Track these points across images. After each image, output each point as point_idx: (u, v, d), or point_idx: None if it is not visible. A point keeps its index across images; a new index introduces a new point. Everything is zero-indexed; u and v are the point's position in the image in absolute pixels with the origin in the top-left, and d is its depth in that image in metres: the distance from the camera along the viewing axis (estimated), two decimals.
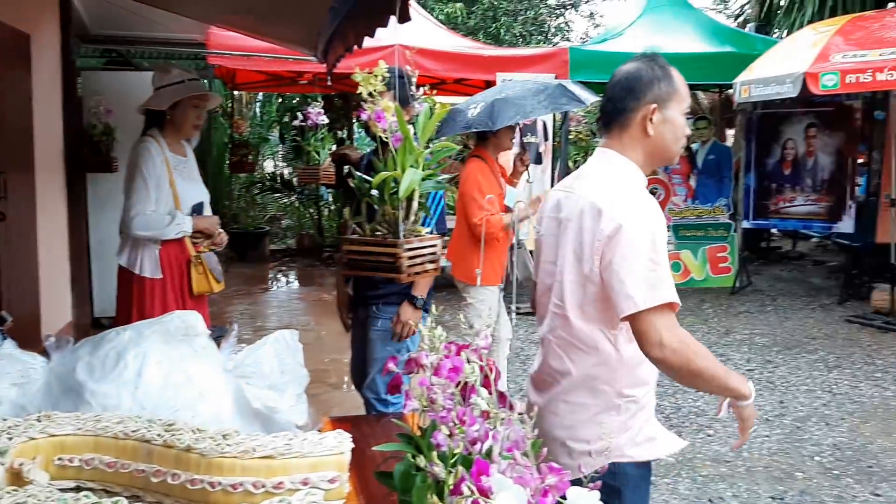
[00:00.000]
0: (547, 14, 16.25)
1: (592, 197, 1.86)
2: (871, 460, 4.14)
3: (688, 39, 8.23)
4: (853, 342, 6.43)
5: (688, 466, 4.09)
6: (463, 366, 1.54)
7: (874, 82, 6.06)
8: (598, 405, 1.91)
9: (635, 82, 1.90)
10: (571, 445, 1.94)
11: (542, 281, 2.02)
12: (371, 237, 2.35)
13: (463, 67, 7.33)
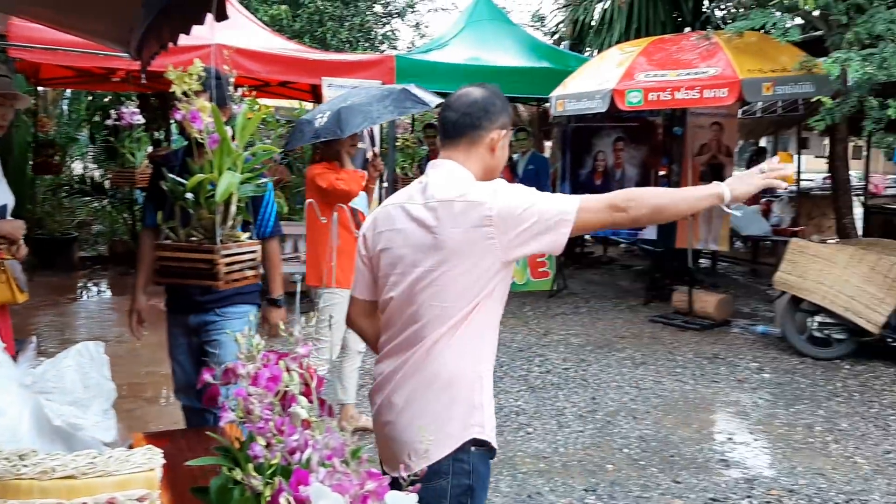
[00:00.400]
0: (374, 21, 16.33)
1: (465, 196, 1.93)
2: (673, 450, 4.47)
3: (508, 54, 8.56)
4: (657, 340, 6.92)
5: (509, 465, 4.23)
6: (282, 375, 1.50)
7: (673, 100, 6.57)
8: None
9: (492, 106, 2.03)
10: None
11: (398, 291, 2.00)
12: (185, 242, 2.26)
13: (287, 70, 7.21)
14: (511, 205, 1.89)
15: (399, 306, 2.00)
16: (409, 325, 1.98)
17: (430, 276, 1.93)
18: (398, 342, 2.01)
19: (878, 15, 5.11)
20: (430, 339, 1.95)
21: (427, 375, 1.96)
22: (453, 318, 1.94)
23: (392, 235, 2.03)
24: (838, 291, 6.03)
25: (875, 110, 5.41)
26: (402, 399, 1.99)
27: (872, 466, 4.24)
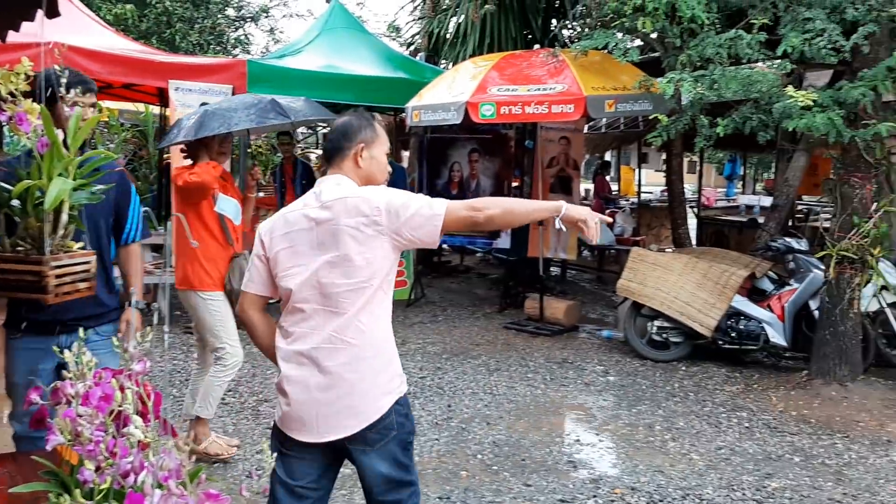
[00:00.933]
0: (226, 25, 15.90)
1: (355, 194, 2.35)
2: (525, 454, 4.59)
3: (364, 63, 8.54)
4: (510, 346, 7.10)
5: None
6: (114, 393, 1.42)
7: (524, 114, 6.78)
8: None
9: (349, 128, 2.47)
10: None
11: (303, 278, 2.34)
12: (10, 253, 2.10)
13: (131, 72, 6.88)
14: (394, 200, 2.32)
15: (308, 290, 2.33)
16: (325, 304, 2.32)
17: (336, 259, 2.30)
18: (316, 322, 2.33)
19: (708, 39, 5.48)
20: (350, 311, 2.30)
21: (359, 344, 2.31)
22: (366, 292, 2.31)
23: (294, 235, 2.37)
24: (674, 297, 6.41)
25: (706, 128, 5.80)
26: (338, 367, 2.30)
27: (706, 462, 4.52)
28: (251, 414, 5.13)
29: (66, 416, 1.35)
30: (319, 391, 2.30)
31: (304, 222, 2.37)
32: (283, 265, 2.38)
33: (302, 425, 2.33)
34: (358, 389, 2.30)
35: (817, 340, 5.88)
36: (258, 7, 17.21)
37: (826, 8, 5.25)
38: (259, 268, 2.44)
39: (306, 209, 2.39)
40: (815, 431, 5.05)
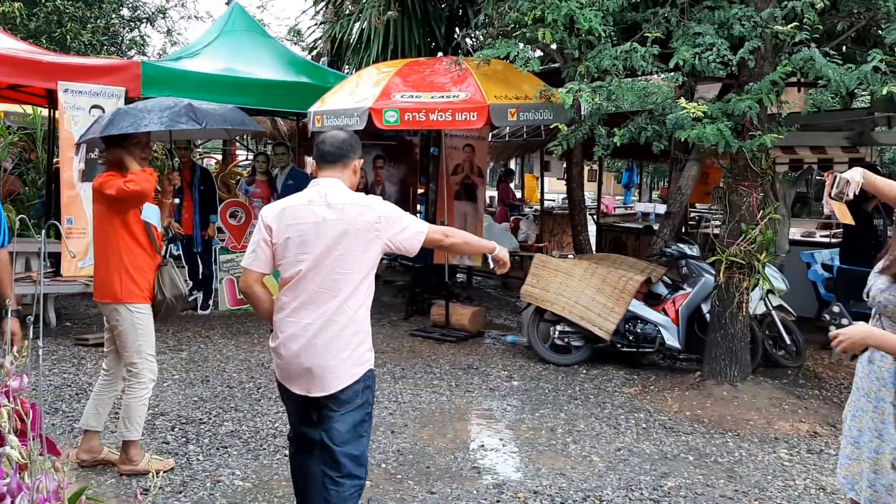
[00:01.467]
0: (120, 25, 15.33)
1: (360, 202, 2.96)
2: (429, 461, 4.58)
3: (264, 66, 8.39)
4: (416, 354, 7.09)
5: (265, 489, 4.10)
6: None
7: (427, 121, 6.79)
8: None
9: (355, 142, 3.12)
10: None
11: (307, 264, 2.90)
12: None
13: (16, 72, 6.55)
14: (390, 213, 2.98)
15: (311, 275, 2.89)
16: (322, 287, 2.88)
17: (339, 252, 2.87)
18: (313, 301, 2.89)
19: (605, 51, 5.63)
20: (341, 296, 2.89)
21: (343, 322, 2.90)
22: (356, 281, 2.90)
23: (303, 227, 2.89)
24: (575, 302, 6.56)
25: (603, 138, 5.95)
26: (324, 340, 2.89)
27: (605, 463, 4.63)
28: (145, 428, 4.93)
29: None
30: (308, 357, 2.89)
31: (312, 217, 2.90)
32: (291, 252, 2.91)
33: (294, 381, 2.98)
34: (339, 358, 2.89)
35: (709, 342, 6.12)
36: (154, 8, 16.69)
37: (714, 23, 5.48)
38: (265, 251, 2.96)
39: (313, 206, 2.92)
40: (708, 430, 5.25)
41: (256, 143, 15.08)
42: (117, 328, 4.16)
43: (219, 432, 4.92)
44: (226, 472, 4.30)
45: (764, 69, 5.52)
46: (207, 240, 8.57)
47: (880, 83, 4.93)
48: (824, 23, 5.39)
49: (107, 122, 4.26)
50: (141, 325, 4.17)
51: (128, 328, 4.14)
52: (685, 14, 5.74)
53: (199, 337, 7.45)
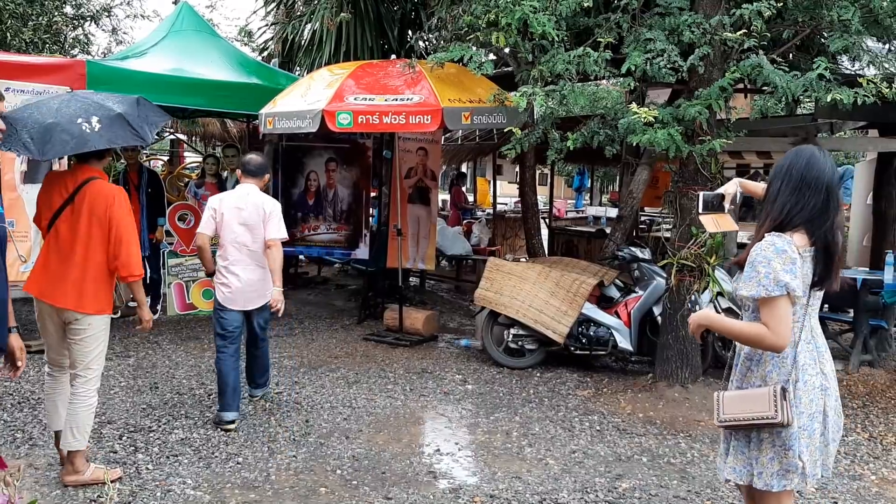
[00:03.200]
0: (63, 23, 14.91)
1: (260, 200, 5.13)
2: (385, 466, 4.54)
3: (214, 67, 8.24)
4: (369, 358, 7.03)
5: (217, 498, 4.02)
6: None
7: (381, 124, 6.74)
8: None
9: (268, 165, 5.47)
10: None
11: (235, 236, 5.12)
12: None
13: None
14: (274, 210, 5.14)
15: (239, 240, 5.10)
16: (244, 247, 5.09)
17: (252, 227, 5.07)
18: (239, 255, 5.09)
19: (559, 56, 5.67)
20: (257, 252, 5.09)
21: (260, 265, 5.13)
22: (261, 243, 5.08)
23: (233, 210, 5.09)
24: (529, 305, 6.58)
25: (556, 142, 5.99)
26: (249, 275, 5.13)
27: (561, 466, 4.64)
28: (92, 437, 4.79)
29: None
30: (242, 286, 5.12)
31: (239, 204, 5.13)
32: (226, 224, 5.12)
33: (235, 303, 5.14)
34: (260, 287, 5.18)
35: (660, 345, 6.20)
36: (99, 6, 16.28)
37: (665, 30, 5.56)
38: (211, 222, 5.17)
39: (240, 199, 5.16)
40: (661, 432, 5.31)
41: (205, 145, 14.83)
42: (81, 336, 4.04)
43: (169, 440, 4.80)
44: (177, 481, 4.20)
45: (713, 75, 5.62)
46: (155, 243, 8.38)
47: (824, 90, 5.06)
48: (771, 31, 5.51)
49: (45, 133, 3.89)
50: (105, 335, 4.14)
51: (93, 337, 4.06)
52: (636, 20, 5.80)
53: (147, 343, 7.27)
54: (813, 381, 2.74)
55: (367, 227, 9.02)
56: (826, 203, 2.71)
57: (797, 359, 2.74)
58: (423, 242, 9.09)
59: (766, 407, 2.67)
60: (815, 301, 2.80)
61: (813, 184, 2.71)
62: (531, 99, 5.67)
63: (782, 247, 2.63)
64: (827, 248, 2.72)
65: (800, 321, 2.74)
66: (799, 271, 2.64)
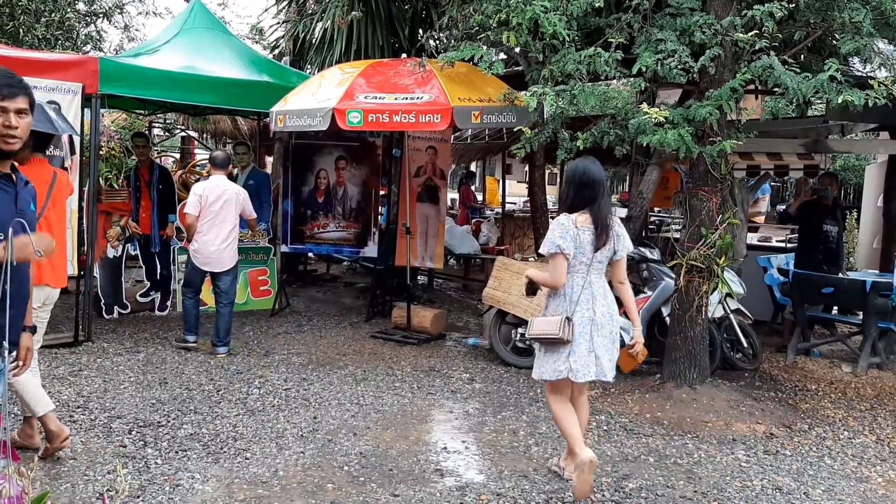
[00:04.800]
0: (76, 20, 14.99)
1: (236, 189, 7.00)
2: (392, 464, 4.56)
3: (226, 64, 8.28)
4: (377, 356, 7.06)
5: (225, 493, 4.04)
6: None
7: (391, 123, 6.77)
8: None
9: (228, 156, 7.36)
10: None
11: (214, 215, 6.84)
12: None
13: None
14: (247, 195, 7.12)
15: (220, 216, 6.83)
16: (223, 222, 6.87)
17: (228, 206, 6.87)
18: (218, 229, 6.83)
19: (569, 56, 5.67)
20: (233, 225, 6.93)
21: (234, 237, 6.99)
22: (234, 220, 6.95)
23: (219, 193, 6.82)
24: (537, 305, 6.57)
25: (566, 141, 6.00)
26: (226, 245, 6.91)
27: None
28: (102, 431, 4.83)
29: None
30: (217, 253, 6.82)
31: (221, 190, 6.82)
32: (208, 205, 6.77)
33: (210, 265, 6.87)
34: (230, 253, 6.91)
35: (669, 345, 6.19)
36: (111, 3, 16.34)
37: (676, 30, 5.55)
38: (198, 205, 6.71)
39: (219, 188, 6.82)
40: (668, 432, 5.31)
41: (216, 143, 14.88)
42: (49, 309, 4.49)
43: (178, 435, 4.84)
44: (185, 476, 4.22)
45: (724, 76, 5.61)
46: (166, 239, 8.43)
47: (835, 92, 5.04)
48: (782, 32, 5.50)
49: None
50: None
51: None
52: (648, 20, 5.80)
53: (157, 338, 7.32)
54: (584, 314, 4.10)
55: (376, 225, 9.04)
56: (596, 195, 4.12)
57: (576, 299, 4.11)
58: (432, 241, 9.11)
59: (556, 329, 4.06)
60: (597, 262, 4.15)
61: (588, 184, 4.12)
62: (541, 98, 5.68)
63: (563, 222, 4.10)
64: (598, 223, 4.09)
65: (581, 273, 4.13)
66: (571, 238, 4.05)
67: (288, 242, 9.02)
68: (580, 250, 4.07)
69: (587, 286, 4.12)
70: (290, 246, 9.13)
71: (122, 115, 12.48)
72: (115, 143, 8.79)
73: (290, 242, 9.06)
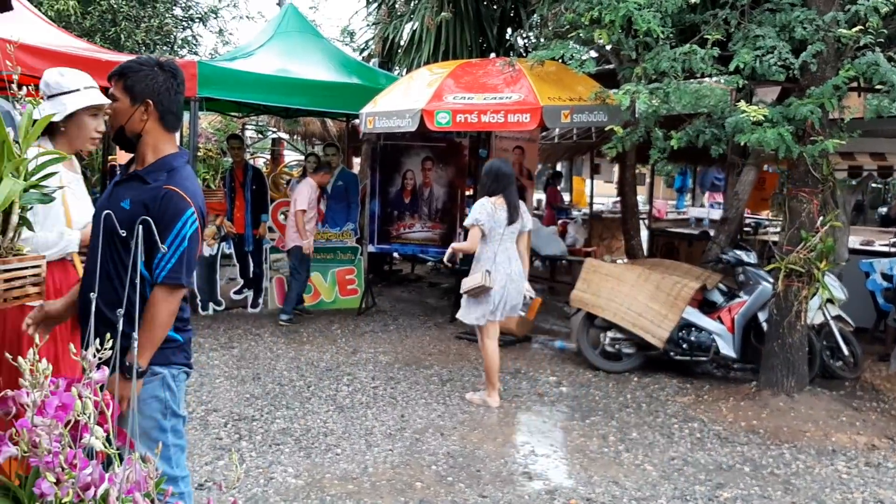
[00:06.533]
0: (173, 24, 15.58)
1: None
2: (479, 465, 4.55)
3: (317, 67, 8.44)
4: (462, 357, 7.06)
5: (316, 487, 4.11)
6: (73, 403, 1.34)
7: (479, 123, 6.77)
8: None
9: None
10: None
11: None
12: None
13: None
14: None
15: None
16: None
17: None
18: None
19: (664, 53, 5.55)
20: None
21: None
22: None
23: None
24: (627, 308, 6.46)
25: (660, 140, 5.87)
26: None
27: (659, 472, 4.55)
28: (199, 424, 4.99)
29: (23, 426, 1.27)
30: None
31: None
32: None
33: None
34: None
35: (766, 352, 5.98)
36: (207, 7, 16.92)
37: (776, 26, 5.36)
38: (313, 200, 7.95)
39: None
40: (764, 441, 5.13)
41: (306, 144, 15.21)
42: None
43: (271, 430, 4.95)
44: (279, 470, 4.32)
45: (826, 73, 5.39)
46: (258, 239, 8.65)
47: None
48: (888, 27, 5.25)
49: None
50: None
51: None
52: (745, 16, 5.63)
53: (250, 335, 7.52)
54: (500, 271, 5.50)
55: (461, 225, 9.05)
56: (507, 184, 5.58)
57: (495, 260, 5.51)
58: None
59: (481, 279, 5.43)
60: (509, 233, 5.56)
61: (502, 176, 5.58)
62: (634, 97, 5.58)
63: (483, 203, 5.54)
64: (510, 204, 5.54)
65: (497, 241, 5.51)
66: (489, 215, 5.47)
67: (375, 242, 9.13)
68: (497, 224, 5.49)
69: (503, 251, 5.53)
70: (376, 246, 9.23)
71: (218, 118, 12.88)
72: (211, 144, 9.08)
73: (376, 242, 9.17)
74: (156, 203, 2.34)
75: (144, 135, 2.48)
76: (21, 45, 5.87)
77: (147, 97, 2.46)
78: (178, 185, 2.38)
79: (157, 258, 2.31)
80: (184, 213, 2.36)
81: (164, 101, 2.49)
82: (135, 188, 2.43)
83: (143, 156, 2.51)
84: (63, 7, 12.47)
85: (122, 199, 2.39)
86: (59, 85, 3.02)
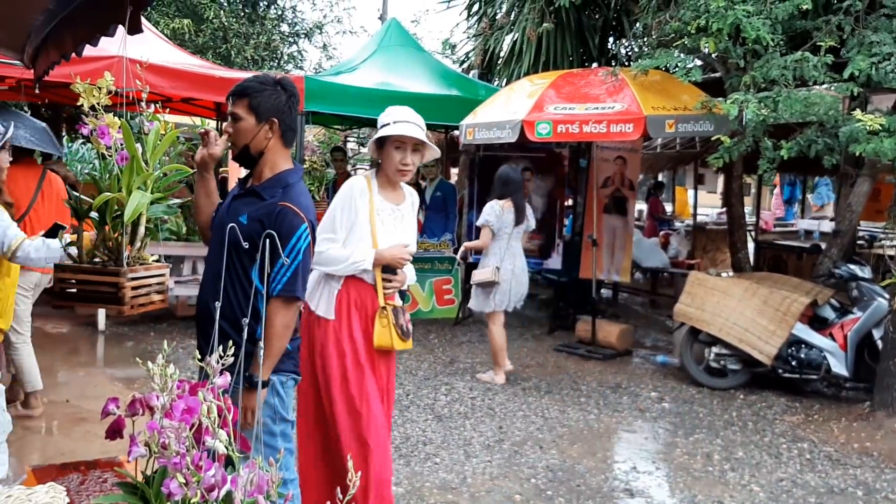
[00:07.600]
0: (280, 41, 16.14)
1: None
2: (579, 479, 4.50)
3: (418, 80, 8.57)
4: (561, 369, 7.00)
5: (416, 496, 4.16)
6: (199, 406, 1.41)
7: (581, 133, 6.72)
8: None
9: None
10: None
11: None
12: (89, 264, 2.12)
13: (192, 87, 6.98)
14: None
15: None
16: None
17: None
18: None
19: (774, 61, 5.39)
20: None
21: None
22: None
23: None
24: (734, 323, 6.26)
25: (769, 150, 5.69)
26: None
27: (767, 493, 4.38)
28: None
29: (151, 428, 1.35)
30: None
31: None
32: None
33: None
34: None
35: (880, 371, 5.69)
36: (312, 23, 17.45)
37: (893, 32, 5.12)
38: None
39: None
40: (878, 465, 4.88)
41: None
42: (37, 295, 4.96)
43: None
44: None
45: None
46: None
47: None
48: None
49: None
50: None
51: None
52: (860, 22, 5.40)
53: None
54: (507, 268, 6.25)
55: (561, 236, 8.99)
56: (516, 189, 6.29)
57: (503, 256, 6.21)
58: (619, 254, 8.92)
59: (490, 275, 6.18)
60: (516, 233, 6.31)
61: (510, 181, 6.28)
62: (743, 106, 5.42)
63: (493, 205, 6.23)
64: (517, 206, 6.25)
65: (506, 240, 6.25)
66: (497, 217, 6.19)
67: (472, 253, 9.15)
68: (505, 225, 6.23)
69: (510, 248, 6.28)
70: (473, 256, 9.26)
71: (321, 130, 13.24)
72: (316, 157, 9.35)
73: (474, 253, 9.19)
74: (271, 219, 2.42)
75: (267, 152, 2.56)
76: (148, 65, 6.22)
77: (272, 116, 2.54)
78: (292, 202, 2.47)
79: (273, 271, 2.40)
80: (298, 229, 2.45)
81: (286, 119, 2.58)
82: (251, 203, 2.51)
83: (260, 172, 2.59)
84: (178, 25, 13.11)
85: (240, 214, 2.46)
86: (381, 119, 3.43)
